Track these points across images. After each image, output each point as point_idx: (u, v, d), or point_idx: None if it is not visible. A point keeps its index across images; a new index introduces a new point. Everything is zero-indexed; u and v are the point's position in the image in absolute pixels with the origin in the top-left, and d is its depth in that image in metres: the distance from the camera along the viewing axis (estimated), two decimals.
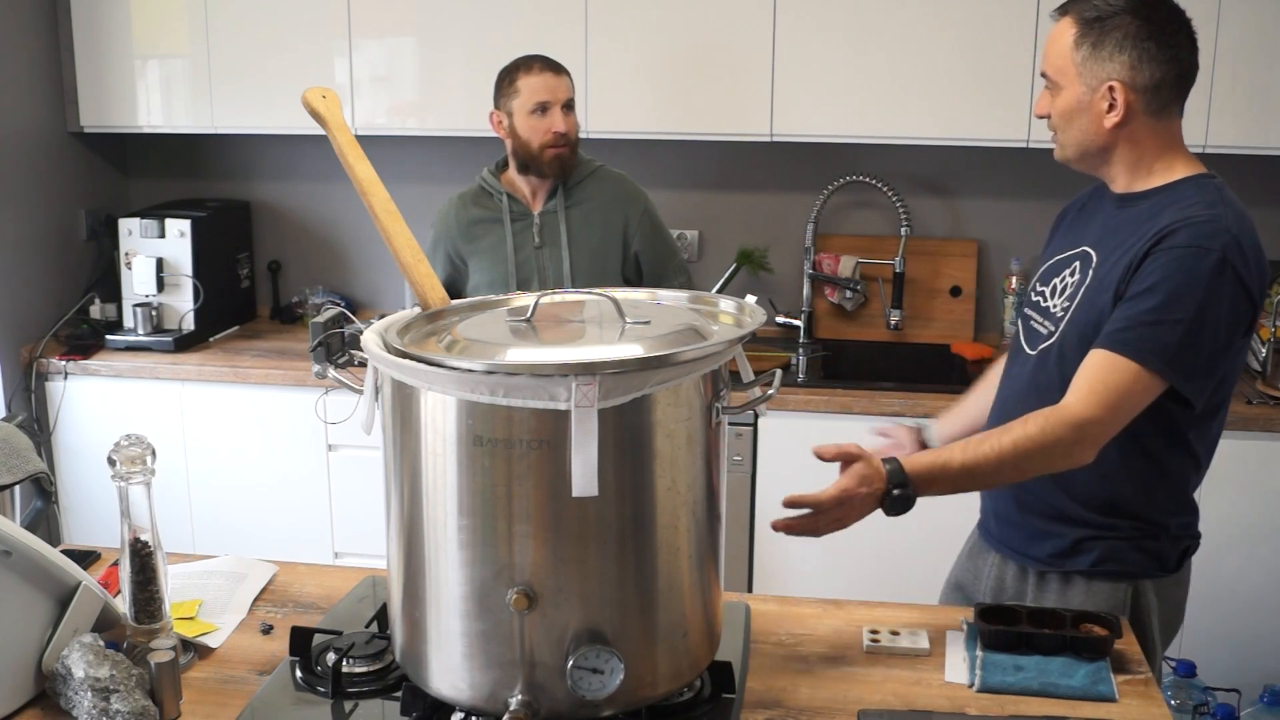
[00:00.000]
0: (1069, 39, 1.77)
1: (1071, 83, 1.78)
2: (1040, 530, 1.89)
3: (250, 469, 3.34)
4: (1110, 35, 1.74)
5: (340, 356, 1.54)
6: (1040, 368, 1.85)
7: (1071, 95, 1.78)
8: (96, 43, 3.47)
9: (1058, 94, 1.80)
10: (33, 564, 1.48)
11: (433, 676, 1.42)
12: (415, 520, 1.38)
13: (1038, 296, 1.94)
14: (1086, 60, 1.76)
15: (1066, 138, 1.82)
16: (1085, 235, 1.88)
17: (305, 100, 1.57)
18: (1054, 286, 1.90)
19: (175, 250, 3.43)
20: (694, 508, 1.40)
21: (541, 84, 2.73)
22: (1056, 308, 1.86)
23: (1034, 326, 1.91)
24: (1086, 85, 1.76)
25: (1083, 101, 1.77)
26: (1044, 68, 1.83)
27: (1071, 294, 1.83)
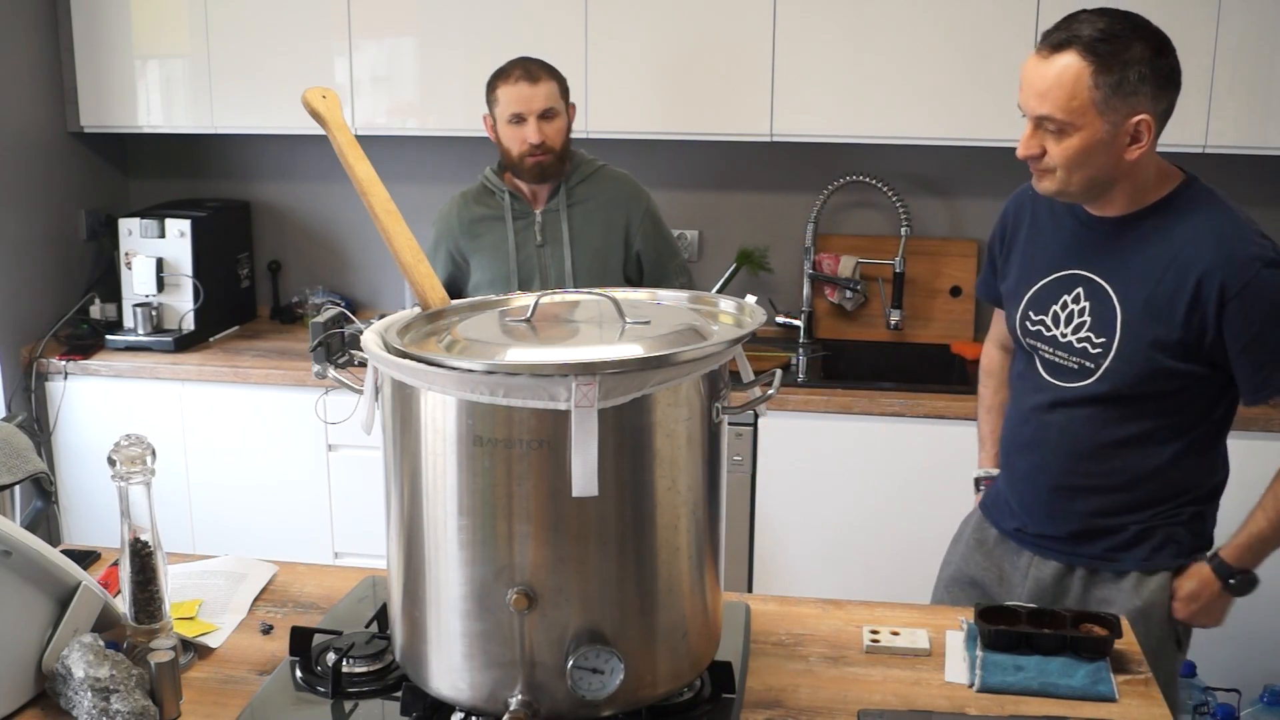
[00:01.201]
0: (1082, 77, 1.67)
1: (1091, 123, 1.69)
2: (1094, 528, 1.93)
3: (250, 469, 3.34)
4: (1131, 68, 1.67)
5: (340, 356, 1.54)
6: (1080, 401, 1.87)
7: (1091, 135, 1.70)
8: (96, 43, 3.47)
9: (1069, 135, 1.70)
10: (33, 564, 1.48)
11: (433, 676, 1.42)
12: (415, 520, 1.38)
13: (1037, 325, 1.94)
14: (1109, 98, 1.68)
15: (1076, 176, 1.75)
16: (1071, 258, 1.88)
17: (305, 100, 1.57)
18: (1054, 315, 1.90)
19: (175, 250, 3.43)
20: (694, 508, 1.40)
21: (516, 95, 2.71)
22: (1075, 339, 1.87)
23: (1049, 358, 1.92)
24: (1109, 123, 1.69)
25: (1104, 140, 1.70)
26: (1044, 110, 1.70)
27: (1096, 327, 1.84)
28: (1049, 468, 1.95)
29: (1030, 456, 1.98)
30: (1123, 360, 1.81)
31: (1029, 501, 2.01)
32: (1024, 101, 1.75)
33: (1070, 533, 1.95)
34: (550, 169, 2.77)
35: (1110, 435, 1.88)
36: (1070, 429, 1.91)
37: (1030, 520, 2.01)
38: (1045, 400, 1.94)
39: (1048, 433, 1.94)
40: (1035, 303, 1.93)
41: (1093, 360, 1.85)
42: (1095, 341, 1.84)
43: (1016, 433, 2.03)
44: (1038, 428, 1.96)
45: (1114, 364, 1.82)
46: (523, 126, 2.71)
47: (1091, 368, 1.85)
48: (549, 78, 2.73)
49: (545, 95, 2.72)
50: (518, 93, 2.70)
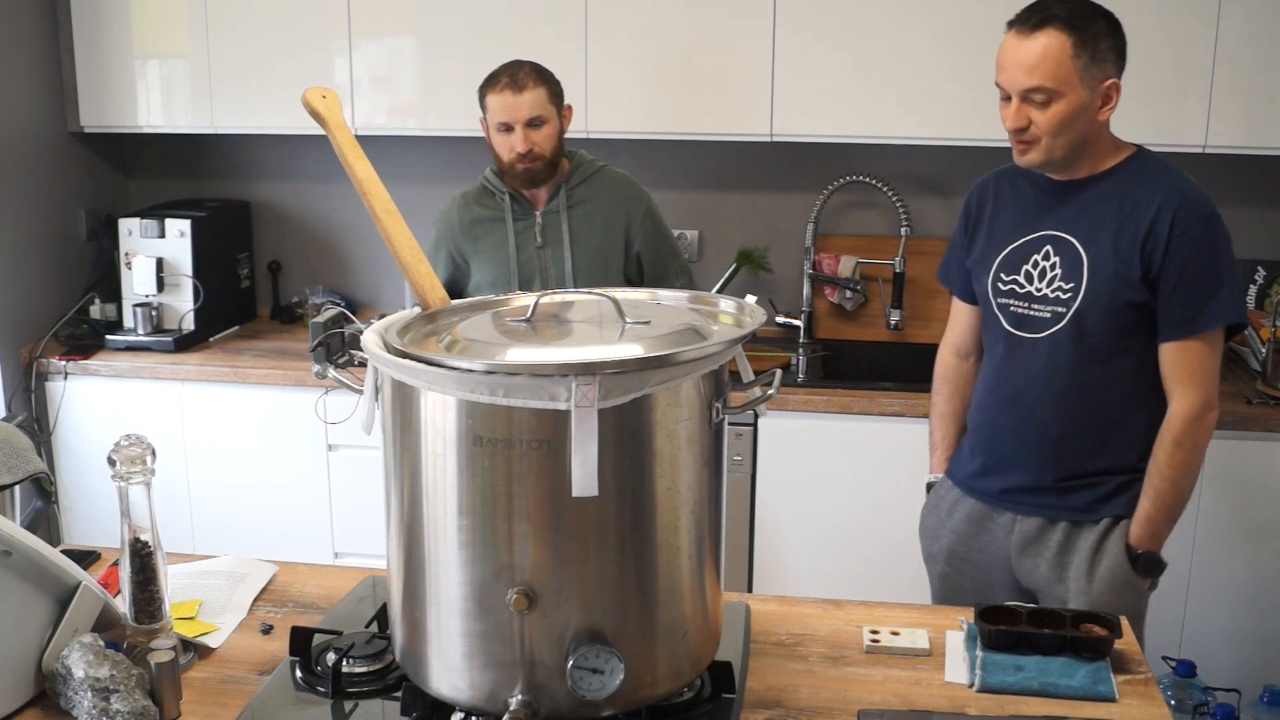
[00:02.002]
0: (1066, 49, 1.90)
1: (1073, 89, 1.92)
2: (1077, 475, 2.09)
3: (250, 469, 3.34)
4: (1101, 40, 1.92)
5: (340, 356, 1.54)
6: (1056, 348, 2.04)
7: (1075, 100, 1.93)
8: (96, 43, 3.47)
9: (1054, 102, 1.93)
10: (33, 564, 1.48)
11: (433, 676, 1.42)
12: (415, 520, 1.38)
13: (1009, 285, 2.10)
14: (1088, 66, 1.92)
15: (1060, 141, 1.97)
16: (1038, 222, 2.07)
17: (305, 100, 1.57)
18: (1027, 273, 2.08)
19: (175, 250, 3.43)
20: (694, 508, 1.40)
21: (502, 104, 2.70)
22: (1049, 291, 2.04)
23: (1021, 313, 2.09)
24: (1089, 89, 1.93)
25: (1084, 104, 1.94)
26: (1033, 81, 1.93)
27: (1067, 275, 2.02)
28: (1034, 416, 2.09)
29: (1015, 410, 2.12)
30: (1090, 300, 2.00)
31: (1015, 457, 2.13)
32: (1008, 79, 1.97)
33: (1055, 481, 2.09)
34: (540, 175, 2.76)
35: (1087, 376, 2.04)
36: (1048, 375, 2.06)
37: (1013, 477, 2.14)
38: (1021, 354, 2.09)
39: (1029, 384, 2.09)
40: (1006, 265, 2.11)
41: (1064, 305, 2.02)
42: (1065, 288, 2.02)
43: (995, 393, 2.16)
44: (1021, 382, 2.10)
45: (1083, 304, 2.00)
46: (510, 134, 2.71)
47: (1063, 311, 2.03)
48: (536, 84, 2.70)
49: (531, 103, 2.69)
50: (503, 101, 2.70)
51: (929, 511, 2.33)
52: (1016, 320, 2.10)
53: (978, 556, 2.21)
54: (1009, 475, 2.15)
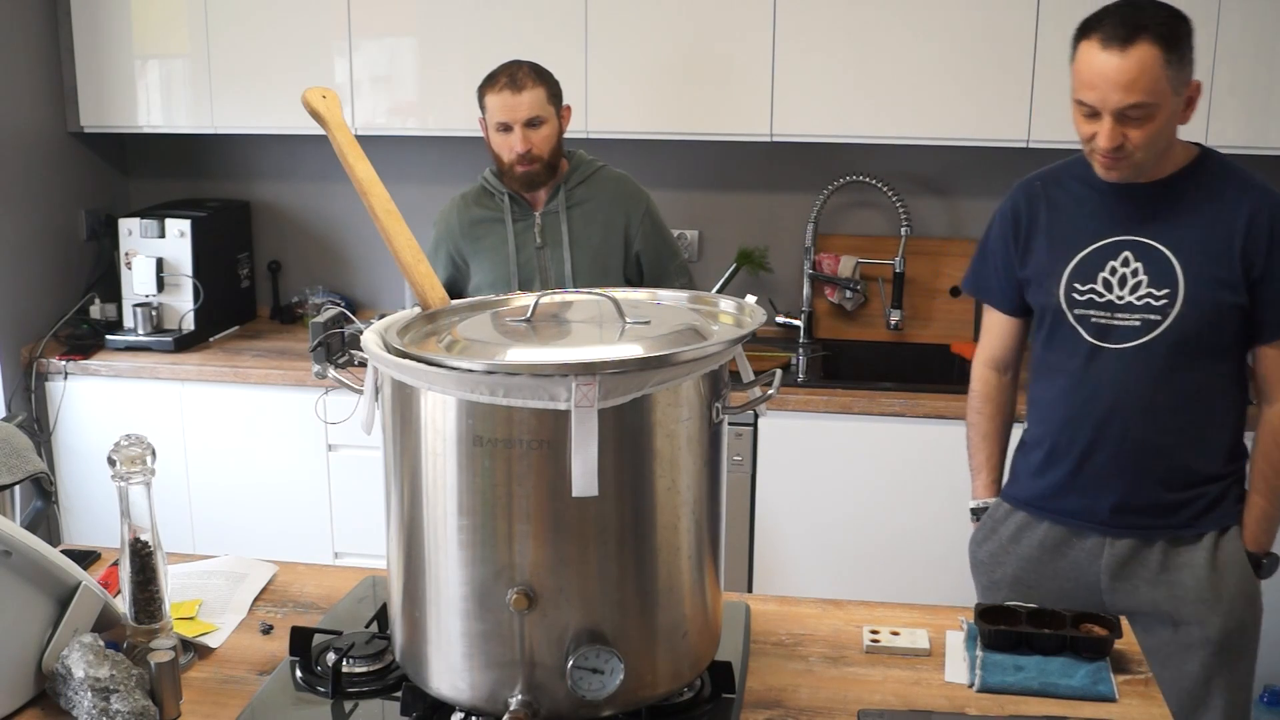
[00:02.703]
0: (1158, 60, 1.80)
1: (1167, 98, 1.84)
2: (1176, 500, 2.02)
3: (250, 469, 3.34)
4: (1185, 43, 1.84)
5: (340, 356, 1.54)
6: (1151, 357, 1.96)
7: (1168, 109, 1.85)
8: (96, 43, 3.47)
9: (1154, 115, 1.84)
10: (33, 564, 1.48)
11: (433, 676, 1.42)
12: (415, 520, 1.38)
13: (1087, 294, 2.00)
14: (1177, 74, 1.84)
15: (1150, 154, 1.89)
16: (1114, 226, 1.98)
17: (305, 100, 1.57)
18: (1105, 281, 1.98)
19: (175, 250, 3.44)
20: (694, 508, 1.40)
21: (501, 104, 2.69)
22: (1136, 299, 1.96)
23: (1105, 323, 1.99)
24: (1177, 94, 1.86)
25: (1175, 111, 1.87)
26: (1133, 99, 1.82)
27: (1157, 281, 1.95)
28: (1130, 430, 2.00)
29: (1108, 426, 2.01)
30: (1191, 304, 1.93)
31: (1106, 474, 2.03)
32: (1100, 98, 1.85)
33: (1154, 497, 2.01)
34: (538, 177, 2.76)
35: (1185, 384, 1.97)
36: (1144, 385, 1.97)
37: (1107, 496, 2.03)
38: (1109, 366, 1.99)
39: (1123, 397, 1.99)
40: (1079, 274, 2.01)
41: (1158, 312, 1.95)
42: (1158, 295, 1.94)
43: (1081, 408, 2.04)
44: (1112, 395, 2.00)
45: (1183, 309, 1.93)
46: (509, 135, 2.71)
47: (1157, 319, 1.95)
48: (535, 85, 2.70)
49: (530, 104, 2.69)
50: (502, 101, 2.69)
51: (984, 538, 2.20)
52: (1099, 331, 2.00)
53: (1053, 583, 2.10)
54: (1099, 495, 2.04)
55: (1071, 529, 2.08)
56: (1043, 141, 3.09)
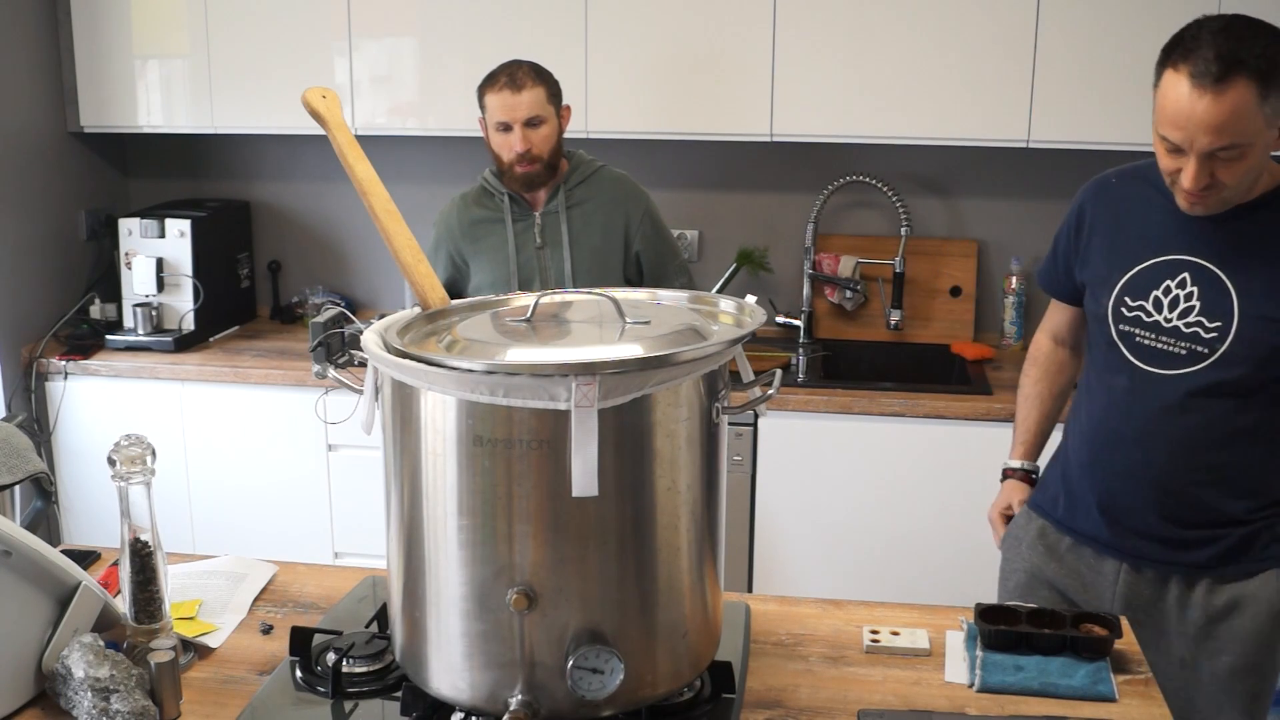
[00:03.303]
0: (1252, 99, 1.63)
1: (1262, 135, 1.68)
2: (1195, 538, 1.89)
3: (250, 469, 3.34)
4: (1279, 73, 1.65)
5: (340, 356, 1.54)
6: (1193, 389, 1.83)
7: (1262, 146, 1.69)
8: (96, 43, 3.47)
9: (1244, 156, 1.69)
10: (33, 564, 1.48)
11: (433, 676, 1.42)
12: (415, 520, 1.38)
13: (1135, 312, 1.88)
14: (1274, 109, 1.66)
15: (1238, 190, 1.74)
16: (1178, 244, 1.84)
17: (305, 100, 1.57)
18: (1156, 300, 1.86)
19: (175, 250, 3.44)
20: (694, 508, 1.40)
21: (501, 103, 2.70)
22: (1184, 325, 1.83)
23: (1149, 345, 1.87)
24: (1273, 128, 1.68)
25: (1268, 144, 1.70)
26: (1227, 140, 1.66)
27: (1208, 311, 1.81)
28: (1158, 460, 1.89)
29: (1136, 452, 1.91)
30: (1242, 344, 1.79)
31: (1126, 502, 1.93)
32: (1188, 138, 1.68)
33: (1170, 537, 1.89)
34: (538, 177, 2.76)
35: (1225, 421, 1.84)
36: (1181, 417, 1.86)
37: (1125, 521, 1.94)
38: (1149, 391, 1.88)
39: (1158, 426, 1.88)
40: (1132, 288, 1.89)
41: (1206, 345, 1.82)
42: (1208, 326, 1.81)
43: (1114, 431, 1.94)
44: (1146, 422, 1.89)
45: (1233, 347, 1.80)
46: (509, 134, 2.71)
47: (1204, 352, 1.82)
48: (535, 84, 2.71)
49: (530, 103, 2.70)
50: (502, 101, 2.70)
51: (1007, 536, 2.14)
52: (1143, 354, 1.88)
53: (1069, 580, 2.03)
54: (1119, 522, 1.95)
55: (1090, 550, 2.00)
56: (1043, 141, 3.09)
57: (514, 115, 2.70)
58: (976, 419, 2.97)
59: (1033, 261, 3.47)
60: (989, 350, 3.37)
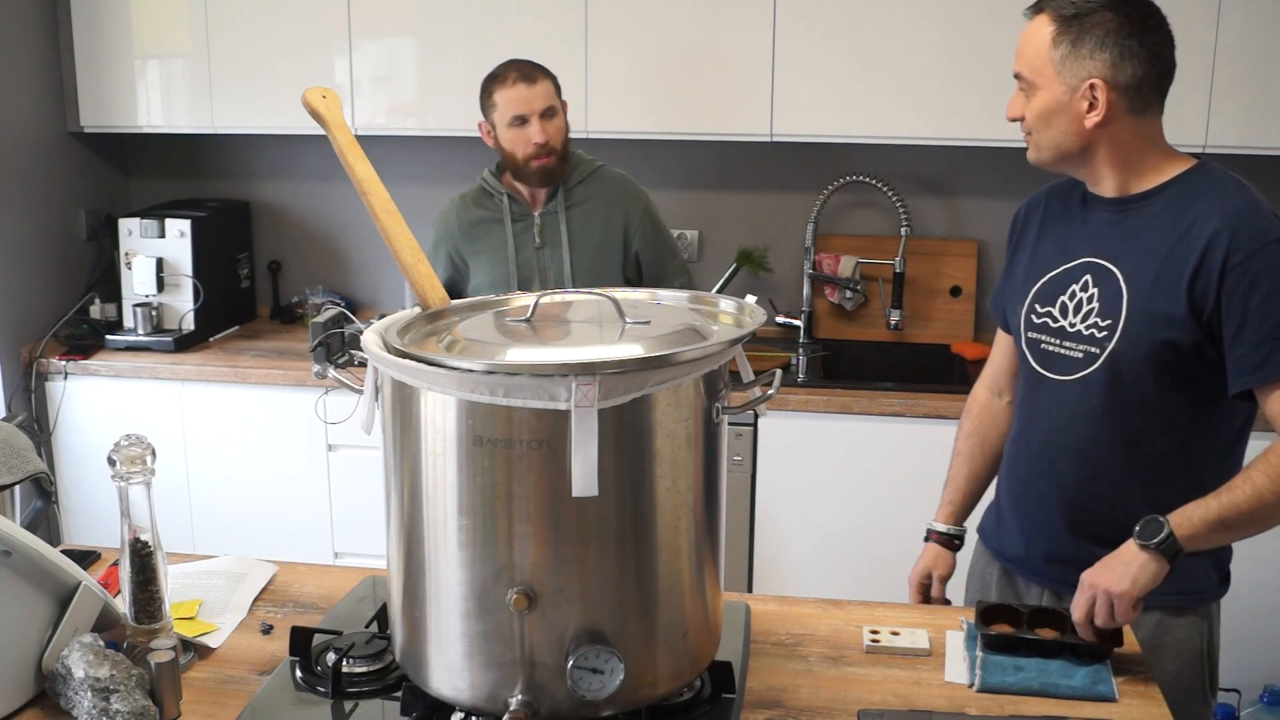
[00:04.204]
0: (1045, 37, 1.72)
1: (1049, 82, 1.72)
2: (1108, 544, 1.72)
3: (250, 469, 3.34)
4: (1090, 33, 1.69)
5: (340, 356, 1.54)
6: (1086, 394, 1.77)
7: (1050, 95, 1.73)
8: (96, 43, 3.47)
9: (1033, 94, 1.75)
10: (33, 564, 1.48)
11: (433, 676, 1.42)
12: (415, 520, 1.38)
13: (1042, 318, 1.84)
14: (1065, 59, 1.71)
15: (1043, 139, 1.77)
16: (1081, 247, 1.81)
17: (305, 100, 1.57)
18: (1062, 305, 1.81)
19: (175, 250, 3.44)
20: (694, 508, 1.40)
21: (515, 96, 2.70)
22: (1083, 327, 1.77)
23: (1053, 351, 1.82)
24: (1066, 84, 1.71)
25: (1061, 101, 1.72)
26: (1017, 68, 1.77)
27: (1104, 311, 1.75)
28: (1058, 472, 1.82)
29: (1039, 464, 1.85)
30: (1128, 340, 1.72)
31: (1038, 520, 1.87)
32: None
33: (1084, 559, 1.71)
34: (555, 170, 2.77)
35: (1124, 429, 1.75)
36: (1077, 425, 1.79)
37: (1039, 542, 1.87)
38: (1047, 399, 1.83)
39: (1055, 435, 1.82)
40: (1041, 295, 1.85)
41: (1098, 344, 1.75)
42: (1101, 325, 1.75)
43: (1019, 443, 1.91)
44: (1046, 432, 1.84)
45: (1119, 344, 1.73)
46: (525, 128, 2.71)
47: (1096, 352, 1.75)
48: (544, 77, 2.74)
49: (544, 94, 2.72)
50: (517, 94, 2.70)
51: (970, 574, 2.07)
52: (1045, 359, 1.83)
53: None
54: (1034, 541, 1.88)
55: (1021, 579, 1.92)
56: None
57: (531, 107, 2.70)
58: None
59: None
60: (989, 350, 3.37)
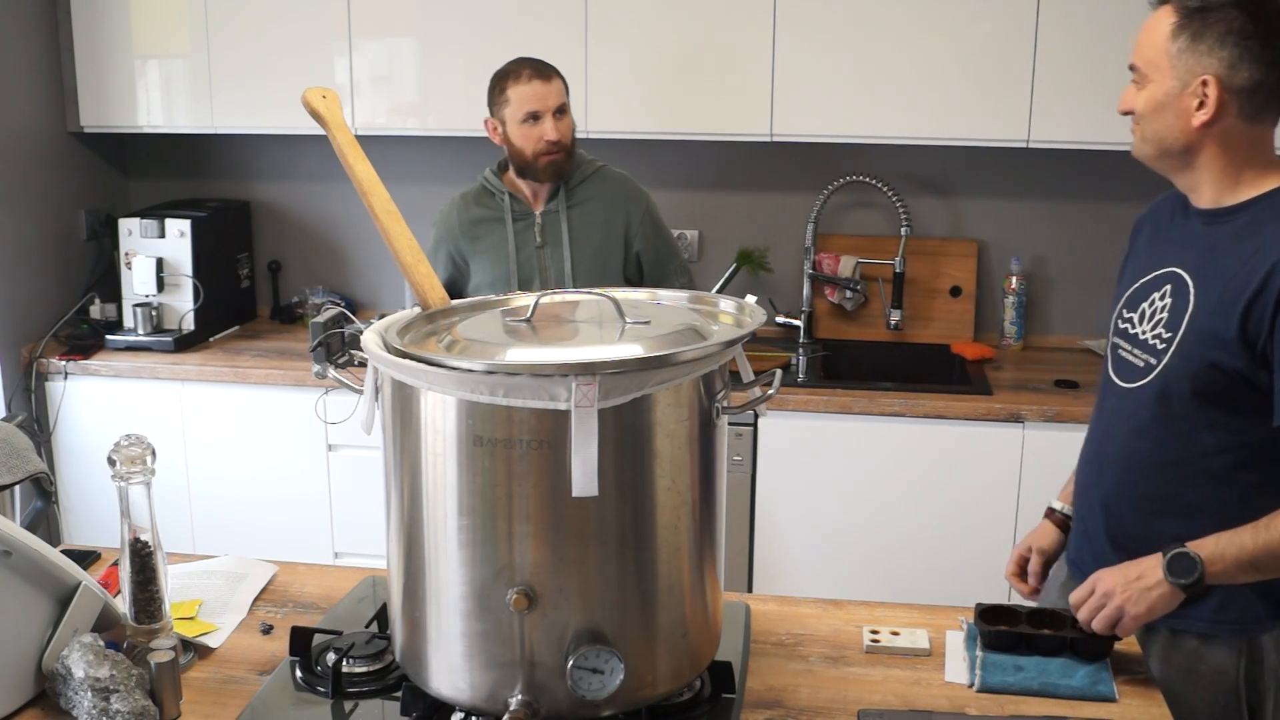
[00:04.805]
0: (1166, 28, 1.66)
1: (1163, 75, 1.67)
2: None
3: (250, 469, 3.33)
4: (1212, 28, 1.63)
5: (340, 356, 1.54)
6: (1138, 405, 1.74)
7: (1160, 88, 1.67)
8: (96, 43, 3.47)
9: (1144, 86, 1.69)
10: (33, 564, 1.48)
11: (433, 676, 1.42)
12: (415, 520, 1.38)
13: (1125, 323, 1.81)
14: (1182, 52, 1.65)
15: (1148, 131, 1.71)
16: (1171, 255, 1.77)
17: (305, 100, 1.57)
18: (1142, 312, 1.78)
19: (175, 250, 3.44)
20: (694, 508, 1.40)
21: (531, 93, 2.71)
22: (1150, 336, 1.74)
23: (1125, 357, 1.79)
24: (1178, 78, 1.65)
25: (1171, 95, 1.67)
26: (1134, 59, 1.71)
27: (1170, 323, 1.71)
28: (1104, 482, 1.80)
29: (1090, 470, 1.84)
30: (1180, 356, 1.67)
31: (1088, 524, 1.85)
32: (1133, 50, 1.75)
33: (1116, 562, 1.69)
34: (563, 166, 2.78)
35: (1165, 448, 1.71)
36: (1125, 436, 1.76)
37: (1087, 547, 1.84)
38: (1110, 405, 1.81)
39: (1106, 443, 1.81)
40: (1130, 300, 1.82)
41: (1156, 356, 1.72)
42: (1163, 337, 1.71)
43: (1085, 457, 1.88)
44: (1100, 439, 1.83)
45: (1172, 359, 1.69)
46: (538, 125, 2.71)
47: (1153, 364, 1.72)
48: (557, 75, 2.76)
49: (558, 92, 2.74)
50: (532, 91, 2.71)
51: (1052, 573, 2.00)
52: (1117, 364, 1.81)
53: None
54: (1084, 545, 1.86)
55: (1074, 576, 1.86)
56: (1043, 141, 3.09)
57: (545, 104, 2.71)
58: (976, 419, 2.97)
59: (1032, 261, 3.47)
60: (989, 350, 3.37)
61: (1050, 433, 2.92)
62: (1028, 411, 2.94)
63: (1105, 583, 1.64)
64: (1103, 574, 1.66)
